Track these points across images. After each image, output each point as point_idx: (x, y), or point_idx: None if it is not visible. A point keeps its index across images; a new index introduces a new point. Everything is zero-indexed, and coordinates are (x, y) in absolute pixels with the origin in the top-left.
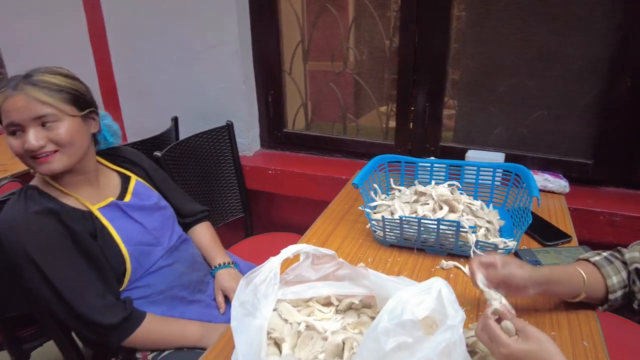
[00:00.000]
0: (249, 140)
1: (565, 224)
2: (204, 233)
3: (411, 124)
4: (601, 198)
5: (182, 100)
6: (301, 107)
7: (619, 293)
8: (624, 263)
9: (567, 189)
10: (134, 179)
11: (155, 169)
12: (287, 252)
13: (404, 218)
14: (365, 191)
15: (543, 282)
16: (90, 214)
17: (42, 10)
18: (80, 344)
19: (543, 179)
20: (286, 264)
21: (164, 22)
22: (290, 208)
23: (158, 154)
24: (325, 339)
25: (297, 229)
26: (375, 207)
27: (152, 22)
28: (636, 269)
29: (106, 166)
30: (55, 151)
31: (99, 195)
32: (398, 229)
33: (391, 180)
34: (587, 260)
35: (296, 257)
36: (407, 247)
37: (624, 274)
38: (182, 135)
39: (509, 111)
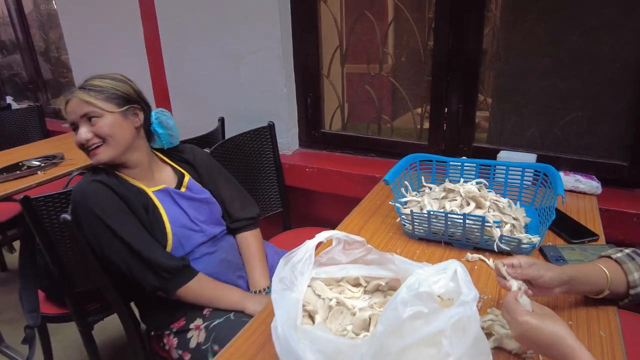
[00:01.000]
0: (288, 140)
1: (594, 224)
2: (246, 245)
3: (445, 125)
4: (636, 200)
5: (227, 102)
6: (338, 109)
7: None
8: None
9: (599, 190)
10: (187, 177)
11: (208, 170)
12: (321, 236)
13: (432, 212)
14: (396, 187)
15: (568, 282)
16: (145, 193)
17: (104, 21)
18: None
19: (574, 180)
20: (320, 248)
21: (212, 29)
22: (325, 204)
23: (207, 150)
24: (354, 314)
25: (331, 224)
26: (405, 202)
27: (201, 30)
28: None
29: (163, 160)
30: (101, 145)
31: (153, 183)
32: (426, 222)
33: (422, 178)
34: (609, 257)
35: (329, 242)
36: (434, 241)
37: None
38: (228, 135)
39: (542, 113)
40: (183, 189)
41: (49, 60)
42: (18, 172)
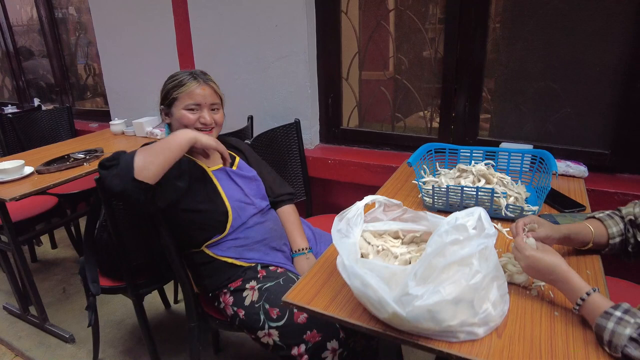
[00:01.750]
0: (311, 136)
1: (582, 200)
2: (286, 215)
3: (452, 122)
4: (616, 182)
5: (255, 102)
6: (355, 108)
7: (617, 239)
8: (622, 217)
9: (586, 174)
10: (237, 159)
11: (252, 155)
12: (368, 199)
13: (450, 187)
14: (416, 169)
15: (562, 236)
16: (205, 171)
17: (137, 26)
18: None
19: (565, 166)
20: (365, 210)
21: (243, 37)
22: (344, 193)
23: (247, 142)
24: (396, 257)
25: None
26: (424, 182)
27: (233, 37)
28: (630, 220)
29: None
30: (212, 129)
31: (213, 163)
32: (445, 196)
33: (437, 164)
34: (593, 217)
35: (372, 205)
36: (451, 212)
37: (621, 225)
38: (256, 131)
39: (537, 110)
40: (235, 167)
41: (73, 64)
42: (68, 162)
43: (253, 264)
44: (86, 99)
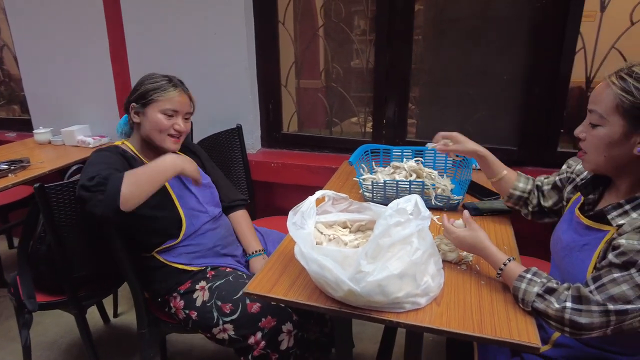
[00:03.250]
0: (252, 140)
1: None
2: (240, 220)
3: (384, 126)
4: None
5: (196, 107)
6: (295, 114)
7: (517, 193)
8: (533, 181)
9: None
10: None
11: (208, 160)
12: (319, 193)
13: (387, 181)
14: (356, 167)
15: (480, 150)
16: None
17: (64, 24)
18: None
19: None
20: (317, 204)
21: (182, 42)
22: (287, 195)
23: None
24: (346, 244)
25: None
26: (364, 179)
27: (171, 42)
28: (538, 186)
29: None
30: (180, 137)
31: None
32: (382, 190)
33: (373, 162)
34: (517, 173)
35: (323, 199)
36: (387, 204)
37: (529, 187)
38: (198, 137)
39: (456, 113)
40: None
41: None
42: None
43: (203, 267)
44: None
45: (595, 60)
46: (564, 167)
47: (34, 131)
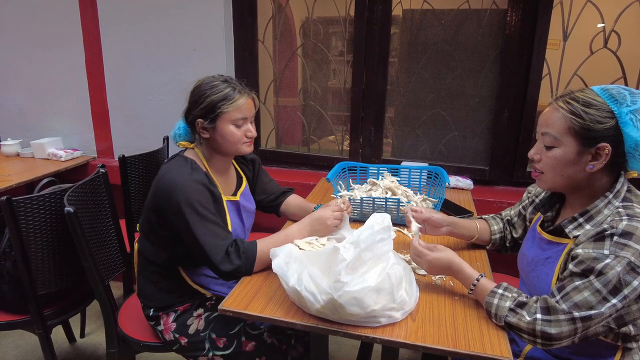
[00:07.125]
0: None
1: (470, 207)
2: (297, 200)
3: (360, 145)
4: (494, 193)
5: (172, 123)
6: (273, 130)
7: (498, 236)
8: (502, 219)
9: (472, 187)
10: (245, 183)
11: (260, 171)
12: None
13: (364, 199)
14: (334, 184)
15: (451, 224)
16: (221, 200)
17: (37, 34)
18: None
19: (455, 180)
20: None
21: (160, 57)
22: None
23: None
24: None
25: (271, 230)
26: (341, 196)
27: (148, 56)
28: (507, 220)
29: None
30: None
31: (226, 189)
32: (359, 207)
33: (350, 180)
34: (481, 217)
35: None
36: (364, 221)
37: (501, 225)
38: (173, 152)
39: (430, 134)
40: (238, 196)
41: None
42: None
43: (209, 295)
44: None
45: (560, 86)
46: (524, 195)
47: (0, 142)
